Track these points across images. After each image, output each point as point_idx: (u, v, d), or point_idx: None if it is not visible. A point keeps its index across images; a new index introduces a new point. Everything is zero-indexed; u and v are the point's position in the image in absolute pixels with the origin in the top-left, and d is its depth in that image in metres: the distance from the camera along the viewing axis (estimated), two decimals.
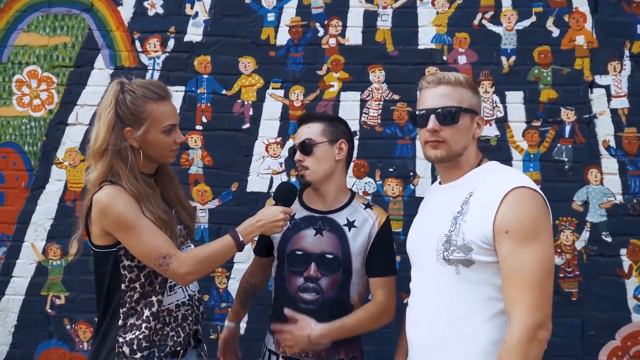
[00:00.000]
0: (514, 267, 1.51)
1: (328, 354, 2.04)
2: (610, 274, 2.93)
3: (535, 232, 1.52)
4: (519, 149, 3.00)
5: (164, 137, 1.89)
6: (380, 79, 3.06)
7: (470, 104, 1.70)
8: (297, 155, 2.10)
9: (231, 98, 3.12)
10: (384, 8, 3.08)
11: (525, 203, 1.54)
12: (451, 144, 1.68)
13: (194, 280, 1.91)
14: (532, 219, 1.53)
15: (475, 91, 1.74)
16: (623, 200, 2.94)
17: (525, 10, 3.02)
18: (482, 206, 1.57)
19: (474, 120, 1.71)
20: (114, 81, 1.91)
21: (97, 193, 1.81)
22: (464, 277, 1.58)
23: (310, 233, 2.08)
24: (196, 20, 3.14)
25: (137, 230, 1.79)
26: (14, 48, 3.18)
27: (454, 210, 1.63)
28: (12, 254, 3.15)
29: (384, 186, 3.04)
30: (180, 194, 2.06)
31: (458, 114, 1.67)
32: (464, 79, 1.72)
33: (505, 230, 1.52)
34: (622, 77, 2.98)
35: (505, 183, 1.57)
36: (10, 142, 3.17)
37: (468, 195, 1.62)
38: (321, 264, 2.04)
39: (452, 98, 1.68)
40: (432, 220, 1.72)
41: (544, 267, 1.52)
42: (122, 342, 1.83)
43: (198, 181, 3.12)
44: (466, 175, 1.70)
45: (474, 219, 1.57)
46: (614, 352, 2.92)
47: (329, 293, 2.04)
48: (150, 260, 1.81)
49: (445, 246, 1.61)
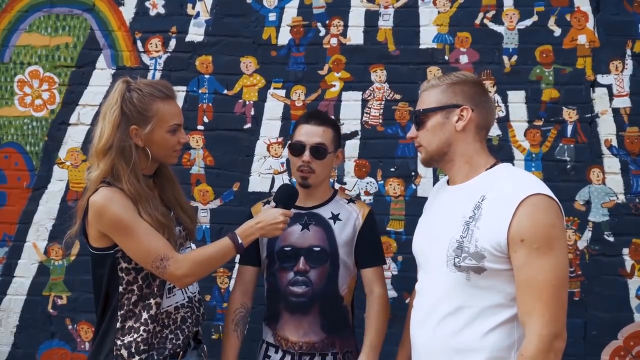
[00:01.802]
0: (530, 277, 1.49)
1: (323, 347, 2.11)
2: (612, 274, 2.92)
3: (551, 241, 1.50)
4: (520, 149, 2.99)
5: (169, 136, 1.89)
6: (382, 78, 3.06)
7: (439, 101, 1.71)
8: (306, 155, 2.10)
9: (232, 98, 3.12)
10: (385, 8, 3.07)
11: (541, 211, 1.52)
12: (425, 146, 1.74)
13: (191, 282, 1.91)
14: (548, 228, 1.50)
15: (450, 87, 1.72)
16: (625, 200, 2.93)
17: (526, 10, 3.01)
18: (496, 213, 1.54)
19: (451, 115, 1.70)
20: (119, 80, 1.90)
21: (93, 195, 1.80)
22: (474, 283, 1.57)
23: (297, 229, 2.14)
24: (198, 20, 3.15)
25: (134, 233, 1.78)
26: (16, 48, 3.18)
27: (466, 215, 1.60)
28: (14, 254, 3.16)
29: (386, 186, 3.03)
30: (180, 196, 2.05)
31: (420, 116, 1.74)
32: (437, 81, 1.75)
33: (520, 239, 1.49)
34: (624, 77, 2.97)
35: (521, 189, 1.54)
36: (12, 142, 3.17)
37: (480, 199, 1.59)
38: (309, 257, 2.12)
39: (421, 103, 1.76)
40: (441, 223, 1.69)
41: (560, 277, 1.50)
42: (120, 345, 1.82)
43: (199, 181, 3.12)
44: (477, 177, 1.68)
45: (487, 225, 1.55)
46: (617, 352, 2.91)
47: (319, 285, 2.11)
48: (147, 262, 1.80)
49: (456, 252, 1.58)
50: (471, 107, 1.69)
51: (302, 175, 2.13)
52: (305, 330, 2.11)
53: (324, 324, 2.12)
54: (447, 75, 1.76)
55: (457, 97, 1.70)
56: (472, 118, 1.68)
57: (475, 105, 1.70)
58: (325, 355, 2.12)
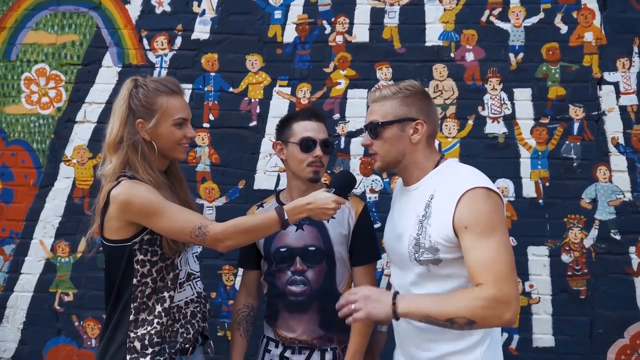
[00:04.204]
0: (477, 255, 1.61)
1: (321, 342, 2.13)
2: (619, 272, 2.91)
3: (493, 224, 1.63)
4: (527, 147, 2.98)
5: (175, 130, 1.93)
6: (388, 76, 3.06)
7: (396, 114, 1.81)
8: (318, 150, 2.14)
9: (238, 96, 3.12)
10: (391, 5, 3.07)
11: (479, 201, 1.65)
12: (382, 156, 1.84)
13: (232, 247, 1.89)
14: (488, 214, 1.64)
15: (404, 100, 1.82)
16: (632, 198, 2.92)
17: (533, 7, 3.00)
18: (442, 209, 1.69)
19: (407, 128, 1.81)
20: (128, 79, 1.96)
21: (114, 188, 1.82)
22: (435, 273, 1.72)
23: (292, 229, 2.16)
24: (203, 18, 3.15)
25: (165, 211, 1.81)
26: (23, 46, 3.20)
27: (419, 214, 1.75)
28: (20, 251, 3.17)
29: (391, 184, 3.03)
30: (188, 196, 2.08)
31: (376, 128, 1.82)
32: (389, 92, 1.84)
33: (464, 226, 1.63)
34: (631, 74, 2.95)
35: (460, 185, 1.68)
36: (19, 139, 3.19)
37: (429, 198, 1.74)
38: (305, 257, 2.14)
39: (376, 114, 1.84)
40: (401, 222, 1.84)
41: (506, 254, 1.62)
42: (134, 337, 1.83)
43: (205, 179, 3.12)
44: (426, 177, 1.82)
45: (436, 221, 1.70)
46: (623, 351, 2.90)
47: (316, 284, 2.14)
48: (186, 235, 1.81)
49: (415, 249, 1.74)
50: (424, 119, 1.82)
51: (314, 169, 2.15)
52: (303, 328, 2.13)
53: (322, 322, 2.13)
54: (396, 86, 1.86)
55: (411, 111, 1.82)
56: (424, 130, 1.82)
57: (427, 117, 1.83)
58: (325, 351, 2.14)
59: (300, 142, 2.15)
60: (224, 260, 3.06)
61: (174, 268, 1.90)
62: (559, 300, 2.94)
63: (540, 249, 2.95)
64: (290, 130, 2.20)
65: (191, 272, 1.99)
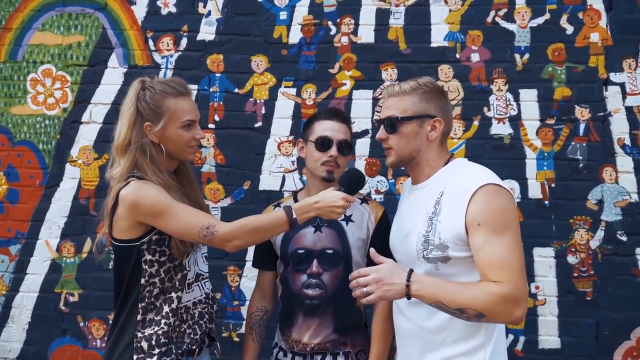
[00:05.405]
0: (490, 252, 1.59)
1: (334, 346, 2.10)
2: (625, 274, 2.90)
3: (506, 222, 1.63)
4: (532, 147, 2.98)
5: (183, 132, 1.92)
6: (393, 77, 3.05)
7: (415, 110, 1.80)
8: (334, 150, 2.12)
9: (243, 96, 3.13)
10: (396, 6, 3.07)
11: (493, 198, 1.64)
12: (397, 151, 1.83)
13: (240, 247, 1.88)
14: (501, 211, 1.63)
15: (424, 96, 1.82)
16: (638, 199, 2.91)
17: (539, 8, 3.00)
18: (454, 205, 1.67)
19: (425, 124, 1.81)
20: (136, 80, 1.95)
21: (124, 189, 1.83)
22: (442, 271, 1.70)
23: (310, 231, 2.13)
24: (209, 19, 3.15)
25: (173, 211, 1.81)
26: (29, 47, 3.21)
27: (429, 211, 1.74)
28: (26, 251, 3.18)
29: (396, 185, 3.03)
30: (198, 195, 2.08)
31: (394, 123, 1.81)
32: (409, 87, 1.83)
33: (477, 223, 1.62)
34: (637, 75, 2.95)
35: (472, 182, 1.67)
36: (25, 140, 3.20)
37: (439, 195, 1.73)
38: (322, 260, 2.11)
39: (394, 108, 1.83)
40: (408, 221, 1.84)
41: (519, 253, 1.62)
42: (141, 337, 1.84)
43: (210, 179, 3.13)
44: (435, 175, 1.81)
45: (447, 218, 1.69)
46: (629, 353, 2.89)
47: (332, 287, 2.10)
48: (194, 235, 1.81)
49: (424, 246, 1.72)
50: (442, 117, 1.82)
51: (328, 169, 2.12)
52: (317, 332, 2.10)
53: (336, 325, 2.11)
54: (415, 81, 1.84)
55: (430, 108, 1.82)
56: (442, 128, 1.82)
57: (444, 115, 1.83)
58: (337, 355, 2.11)
59: (317, 141, 2.15)
60: (229, 260, 3.06)
61: (182, 269, 1.91)
62: (565, 302, 2.93)
63: (546, 250, 2.94)
64: (311, 128, 2.20)
65: (200, 273, 2.00)
